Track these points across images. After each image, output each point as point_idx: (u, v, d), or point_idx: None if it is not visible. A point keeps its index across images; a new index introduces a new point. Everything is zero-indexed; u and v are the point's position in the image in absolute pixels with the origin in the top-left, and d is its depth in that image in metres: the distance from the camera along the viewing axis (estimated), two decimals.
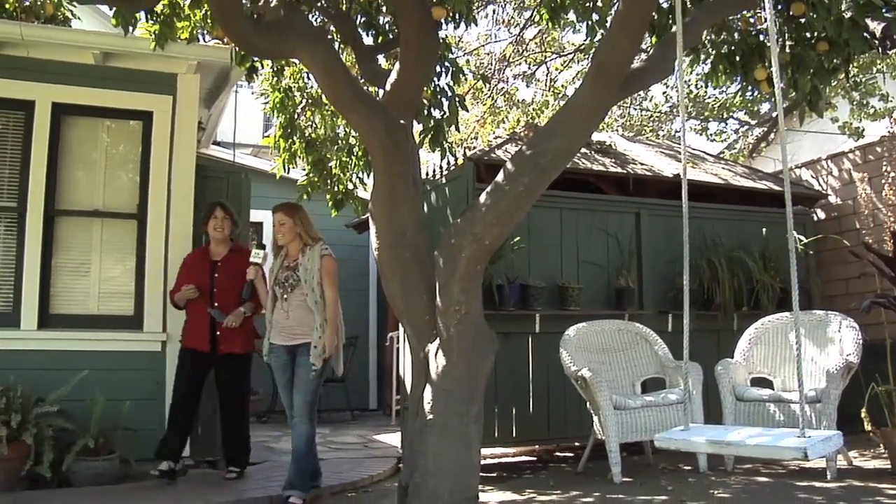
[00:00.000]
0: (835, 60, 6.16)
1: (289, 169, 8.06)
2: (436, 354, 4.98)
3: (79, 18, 7.72)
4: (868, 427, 6.33)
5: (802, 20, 5.99)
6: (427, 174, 8.01)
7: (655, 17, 6.02)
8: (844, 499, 5.23)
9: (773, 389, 6.59)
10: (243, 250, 6.38)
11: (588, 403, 6.54)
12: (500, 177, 5.05)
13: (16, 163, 6.58)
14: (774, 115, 13.52)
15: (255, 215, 9.93)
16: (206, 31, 6.71)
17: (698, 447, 3.22)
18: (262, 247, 6.15)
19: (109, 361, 6.41)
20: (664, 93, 15.72)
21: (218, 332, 6.23)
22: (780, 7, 6.08)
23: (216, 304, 6.22)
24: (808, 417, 6.03)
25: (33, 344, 6.35)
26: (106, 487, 5.89)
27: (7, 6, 6.69)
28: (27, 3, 6.83)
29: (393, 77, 5.60)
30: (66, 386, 5.98)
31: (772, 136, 14.09)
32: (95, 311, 6.71)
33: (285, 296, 5.77)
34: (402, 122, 5.29)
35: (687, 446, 3.22)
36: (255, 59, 6.67)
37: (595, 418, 6.46)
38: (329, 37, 6.73)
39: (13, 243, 6.51)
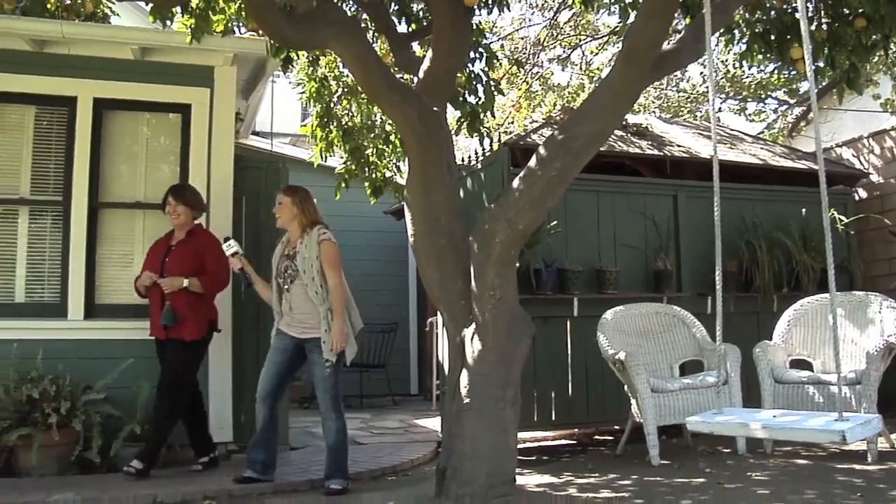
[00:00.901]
0: (873, 37, 6.08)
1: (326, 157, 8.14)
2: (472, 339, 5.02)
3: (117, 15, 7.84)
4: None
5: None
6: (462, 160, 8.04)
7: None
8: (885, 481, 5.21)
9: (813, 371, 6.56)
10: (199, 233, 6.24)
11: (626, 386, 6.55)
12: (532, 162, 5.08)
13: (60, 157, 6.72)
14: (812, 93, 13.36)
15: None
16: (241, 24, 6.79)
17: (733, 430, 3.22)
18: (227, 238, 5.93)
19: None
20: (701, 73, 15.59)
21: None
22: None
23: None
24: (848, 399, 6.00)
25: (80, 333, 6.49)
26: (152, 472, 6.01)
27: (49, 6, 6.83)
28: (68, 2, 6.96)
29: (426, 64, 5.63)
30: (113, 374, 6.11)
31: (811, 115, 13.89)
32: (139, 301, 6.82)
33: (287, 287, 5.66)
34: (435, 109, 5.32)
35: (721, 429, 3.22)
36: (290, 50, 6.73)
37: (633, 401, 6.48)
38: (362, 26, 6.79)
39: (59, 236, 6.66)
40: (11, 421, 5.76)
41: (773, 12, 6.30)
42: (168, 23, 5.98)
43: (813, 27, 6.16)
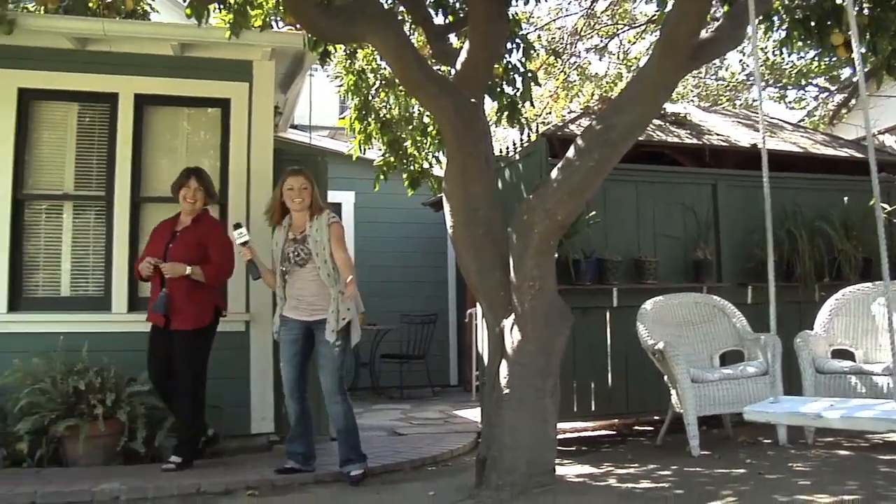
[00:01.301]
0: None
1: (365, 150, 8.19)
2: (511, 330, 5.04)
3: (157, 11, 7.94)
4: None
5: None
6: (501, 151, 8.05)
7: None
8: None
9: (855, 361, 6.49)
10: (206, 220, 6.17)
11: (666, 377, 6.53)
12: (570, 152, 5.08)
13: (102, 153, 6.81)
14: (855, 80, 13.16)
15: (333, 196, 10.13)
16: (279, 18, 6.84)
17: (791, 419, 3.18)
18: (239, 225, 5.78)
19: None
20: (741, 61, 15.40)
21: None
22: None
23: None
24: (891, 390, 5.92)
25: (124, 326, 6.58)
26: (195, 462, 6.10)
27: (91, 4, 6.94)
28: (109, 0, 7.05)
29: (463, 56, 5.65)
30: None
31: (853, 102, 13.72)
32: None
33: (295, 270, 5.62)
34: (472, 100, 5.34)
35: (779, 419, 3.20)
36: (328, 43, 6.77)
37: (673, 392, 6.45)
38: (399, 18, 6.82)
39: (103, 231, 6.77)
40: (59, 412, 5.87)
41: None
42: (205, 19, 6.02)
43: (854, 12, 6.08)
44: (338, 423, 5.62)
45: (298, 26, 6.70)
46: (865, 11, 6.02)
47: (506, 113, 6.80)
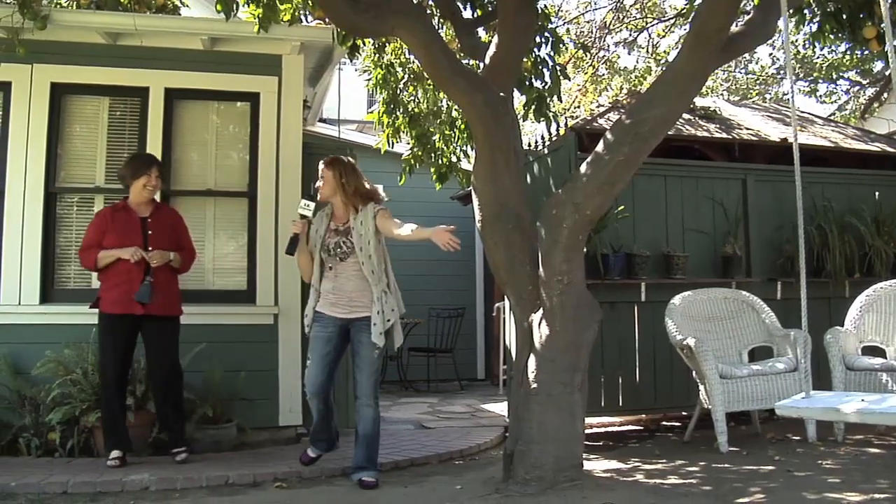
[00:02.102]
0: None
1: (393, 144, 8.21)
2: (539, 324, 5.04)
3: (187, 6, 7.98)
4: None
5: None
6: (529, 145, 8.04)
7: None
8: None
9: (886, 358, 6.44)
10: (165, 208, 6.17)
11: (694, 372, 6.50)
12: (600, 147, 5.07)
13: (133, 147, 6.86)
14: (888, 73, 13.02)
15: None
16: (307, 13, 6.87)
17: (825, 415, 3.18)
18: (313, 198, 5.44)
19: (225, 334, 6.65)
20: (771, 55, 15.29)
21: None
22: None
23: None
24: None
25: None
26: (224, 454, 6.16)
27: (122, 0, 6.98)
28: None
29: (492, 50, 5.65)
30: (185, 358, 6.24)
31: (885, 95, 13.57)
32: (211, 287, 6.97)
33: (336, 264, 5.33)
34: (501, 94, 5.34)
35: (811, 414, 3.21)
36: (357, 37, 6.78)
37: (701, 387, 6.42)
38: (427, 12, 6.82)
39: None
40: (90, 403, 5.95)
41: None
42: (234, 13, 6.05)
43: (888, 4, 6.03)
44: (365, 427, 5.32)
45: (327, 20, 6.72)
46: None
47: (533, 107, 6.77)
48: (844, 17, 6.17)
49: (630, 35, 13.54)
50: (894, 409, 2.86)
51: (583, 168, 5.09)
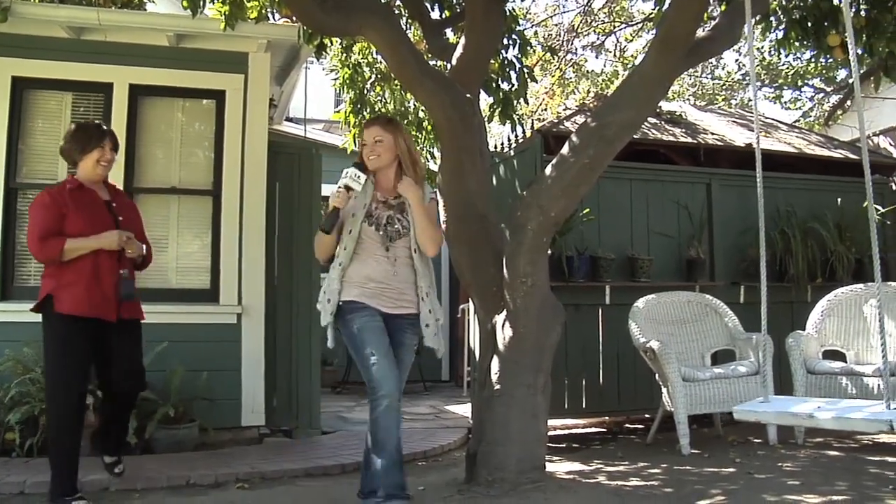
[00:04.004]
0: None
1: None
2: (503, 326, 5.04)
3: (153, 2, 7.92)
4: None
5: None
6: (496, 147, 8.04)
7: None
8: None
9: (846, 362, 6.51)
10: (118, 190, 5.11)
11: (657, 375, 6.54)
12: (565, 149, 5.08)
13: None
14: (851, 81, 13.19)
15: (325, 189, 10.09)
16: (275, 10, 6.83)
17: (780, 419, 3.22)
18: (362, 167, 4.33)
19: (187, 334, 6.59)
20: (737, 60, 15.44)
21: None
22: None
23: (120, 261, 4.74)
24: (882, 391, 5.95)
25: None
26: (185, 454, 6.11)
27: None
28: None
29: (458, 51, 5.64)
30: (147, 358, 6.16)
31: (848, 103, 13.75)
32: (174, 285, 6.91)
33: (380, 245, 4.30)
34: (468, 96, 5.33)
35: (765, 418, 3.24)
36: (324, 36, 6.75)
37: (664, 390, 6.46)
38: (395, 12, 6.81)
39: None
40: None
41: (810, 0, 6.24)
42: (200, 10, 6.00)
43: (851, 13, 6.10)
44: (399, 442, 4.28)
45: (294, 18, 6.68)
46: (863, 13, 6.03)
47: (499, 108, 6.78)
48: (809, 24, 6.23)
49: (598, 39, 13.61)
50: (848, 413, 2.90)
51: (548, 171, 5.10)
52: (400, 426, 4.27)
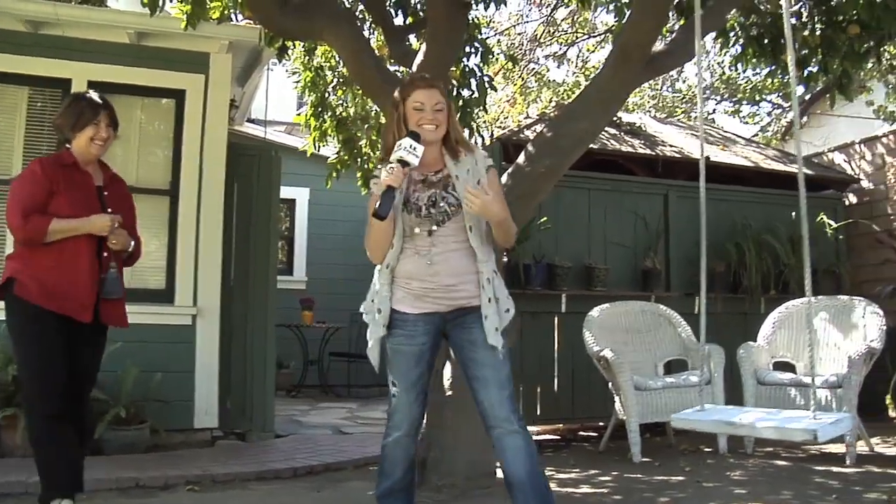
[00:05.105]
0: (865, 44, 6.12)
1: (319, 147, 8.16)
2: None
3: None
4: (892, 413, 6.32)
5: (833, 2, 5.97)
6: None
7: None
8: (861, 484, 5.24)
9: (796, 374, 6.61)
10: (113, 172, 4.44)
11: (610, 384, 6.59)
12: (521, 158, 5.12)
13: (53, 140, 6.66)
14: (808, 98, 13.39)
15: (287, 192, 10.10)
16: (237, 11, 6.80)
17: (711, 427, 3.29)
18: (418, 137, 3.45)
19: (141, 334, 6.50)
20: (697, 74, 15.60)
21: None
22: None
23: (105, 254, 4.13)
24: (829, 402, 6.07)
25: None
26: (136, 456, 6.05)
27: None
28: None
29: (419, 58, 5.65)
30: None
31: (805, 119, 13.96)
32: (128, 285, 6.80)
33: (423, 233, 3.52)
34: None
35: (700, 426, 3.30)
36: (286, 39, 6.74)
37: (617, 398, 6.51)
38: (359, 17, 6.82)
39: None
40: None
41: (767, 17, 6.34)
42: (159, 9, 5.95)
43: (807, 32, 6.21)
44: (518, 468, 3.40)
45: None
46: (818, 32, 6.13)
47: (458, 116, 6.80)
48: (766, 41, 6.33)
49: (560, 49, 13.69)
50: (776, 423, 2.97)
51: (504, 178, 5.13)
52: (528, 453, 3.42)
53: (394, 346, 3.55)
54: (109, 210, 4.16)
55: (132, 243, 4.26)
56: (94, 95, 4.39)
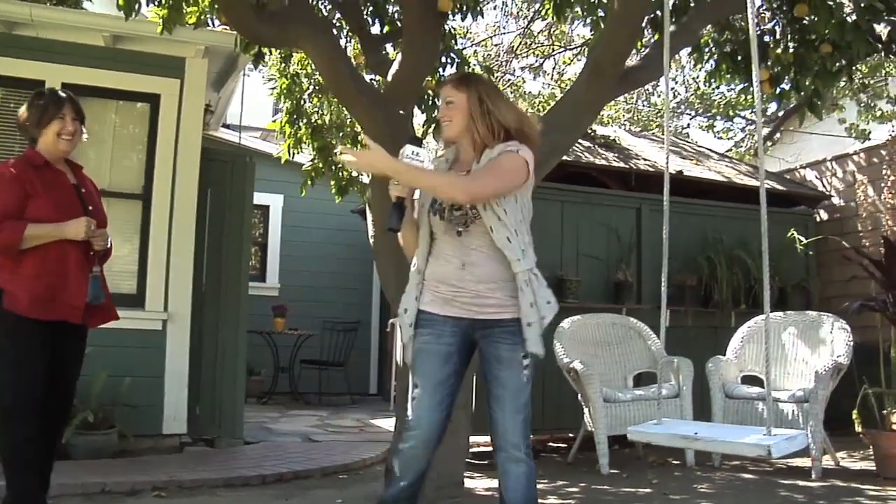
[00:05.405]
0: (837, 63, 6.20)
1: (294, 154, 8.15)
2: None
3: (91, 0, 7.82)
4: (859, 429, 6.38)
5: (806, 22, 6.04)
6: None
7: (658, 15, 6.08)
8: (825, 497, 5.30)
9: (763, 388, 6.66)
10: (83, 172, 4.26)
11: (580, 395, 6.62)
12: None
13: (25, 143, 6.66)
14: (781, 114, 13.53)
15: (261, 199, 10.08)
16: (214, 17, 6.79)
17: (666, 441, 3.32)
18: (418, 141, 3.40)
19: (111, 339, 6.43)
20: (672, 89, 15.72)
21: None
22: (784, 8, 6.14)
23: (91, 253, 4.01)
24: (796, 416, 6.12)
25: None
26: (104, 461, 6.01)
27: None
28: None
29: (395, 68, 5.67)
30: None
31: (777, 135, 14.10)
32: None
33: (452, 235, 3.35)
34: (401, 112, 5.37)
35: (655, 439, 3.32)
36: (261, 46, 6.74)
37: (586, 410, 6.54)
38: (337, 24, 6.83)
39: None
40: None
41: (741, 34, 6.41)
42: (135, 13, 5.92)
43: (780, 50, 6.29)
44: (517, 494, 3.35)
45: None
46: (791, 50, 6.20)
47: (433, 126, 6.82)
48: (740, 58, 6.40)
49: (537, 61, 13.75)
50: (731, 437, 3.01)
51: None
52: (526, 478, 3.37)
53: (419, 344, 3.40)
54: (90, 208, 4.04)
55: (110, 240, 4.14)
56: (56, 90, 4.27)
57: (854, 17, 5.79)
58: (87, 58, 6.78)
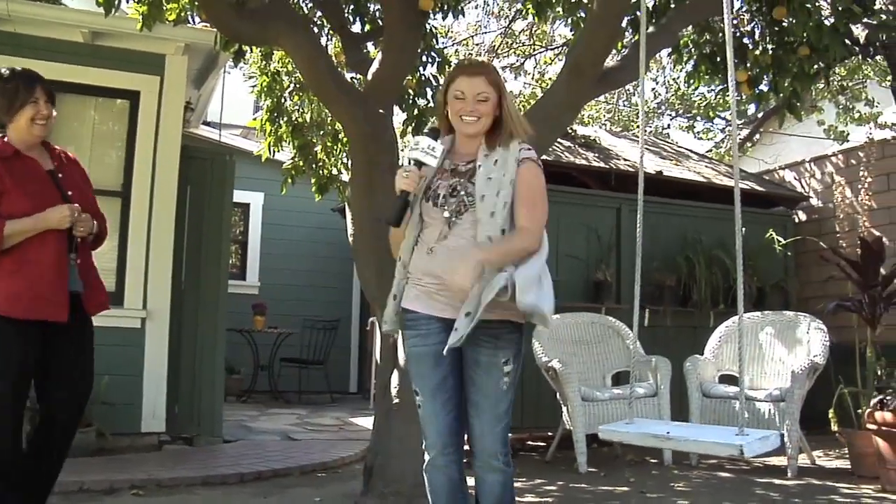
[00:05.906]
0: (815, 66, 6.24)
1: (274, 152, 8.13)
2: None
3: None
4: (835, 428, 6.43)
5: (784, 24, 6.08)
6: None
7: (638, 15, 6.10)
8: (800, 496, 5.35)
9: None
10: (65, 152, 4.11)
11: (558, 394, 6.64)
12: None
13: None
14: (760, 115, 13.60)
15: (241, 196, 10.07)
16: (194, 14, 6.76)
17: (637, 440, 3.33)
18: (435, 134, 3.25)
19: (97, 336, 6.47)
20: (653, 90, 15.78)
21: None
22: (763, 10, 6.18)
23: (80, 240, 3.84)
24: (773, 415, 6.17)
25: None
26: (81, 460, 5.97)
27: None
28: None
29: (375, 66, 5.67)
30: None
31: (757, 136, 14.18)
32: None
33: (440, 223, 3.19)
34: (381, 111, 5.37)
35: (628, 439, 3.34)
36: (241, 43, 6.72)
37: (564, 409, 6.57)
38: (318, 22, 6.82)
39: None
40: None
41: (721, 35, 6.44)
42: (114, 10, 5.90)
43: (758, 51, 6.32)
44: (491, 501, 3.28)
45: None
46: (769, 52, 6.24)
47: (413, 124, 6.82)
48: (718, 59, 6.43)
49: (518, 60, 13.76)
50: (703, 437, 3.03)
51: None
52: (501, 486, 3.28)
53: (409, 348, 3.29)
54: (70, 193, 3.80)
55: (95, 224, 3.88)
56: (24, 70, 3.91)
57: (832, 20, 5.83)
58: (66, 54, 6.73)
